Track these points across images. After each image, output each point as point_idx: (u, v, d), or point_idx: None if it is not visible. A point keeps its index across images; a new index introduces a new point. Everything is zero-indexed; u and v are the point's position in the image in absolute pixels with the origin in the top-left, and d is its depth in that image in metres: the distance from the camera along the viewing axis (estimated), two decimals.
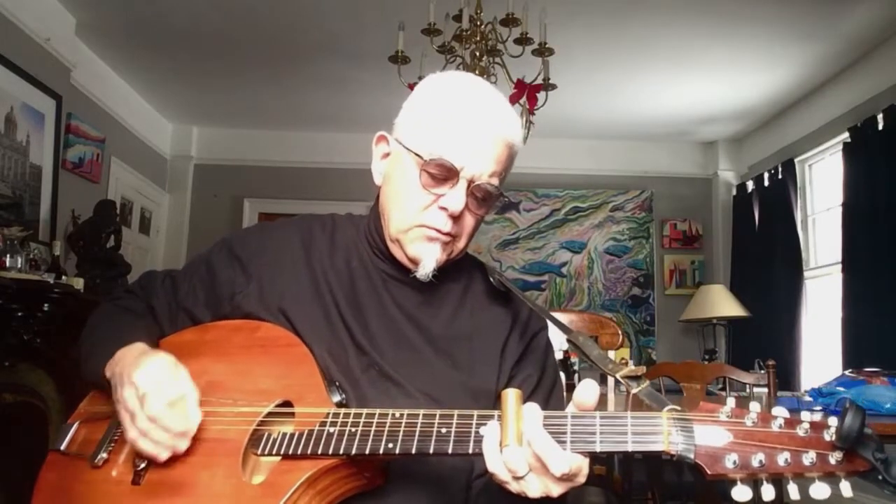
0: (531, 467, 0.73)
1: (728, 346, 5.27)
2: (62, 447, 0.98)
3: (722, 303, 4.80)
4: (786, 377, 4.28)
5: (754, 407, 0.71)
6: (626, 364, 2.80)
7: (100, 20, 3.84)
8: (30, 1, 3.43)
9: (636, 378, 0.83)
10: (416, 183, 0.96)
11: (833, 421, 0.67)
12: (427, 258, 0.97)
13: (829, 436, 0.67)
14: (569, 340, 0.96)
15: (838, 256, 4.12)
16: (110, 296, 1.18)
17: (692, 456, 0.69)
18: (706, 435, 0.70)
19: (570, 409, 0.77)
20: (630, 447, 0.72)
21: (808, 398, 2.01)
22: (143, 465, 0.89)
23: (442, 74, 1.05)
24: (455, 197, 0.95)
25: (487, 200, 0.98)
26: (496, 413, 0.79)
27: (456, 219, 0.96)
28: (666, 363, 3.99)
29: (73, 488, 0.93)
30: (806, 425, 0.68)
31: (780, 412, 0.70)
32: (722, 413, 0.71)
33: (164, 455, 0.87)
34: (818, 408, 1.93)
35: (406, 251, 0.99)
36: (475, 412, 0.80)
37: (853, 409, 0.64)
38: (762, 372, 2.99)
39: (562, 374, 1.49)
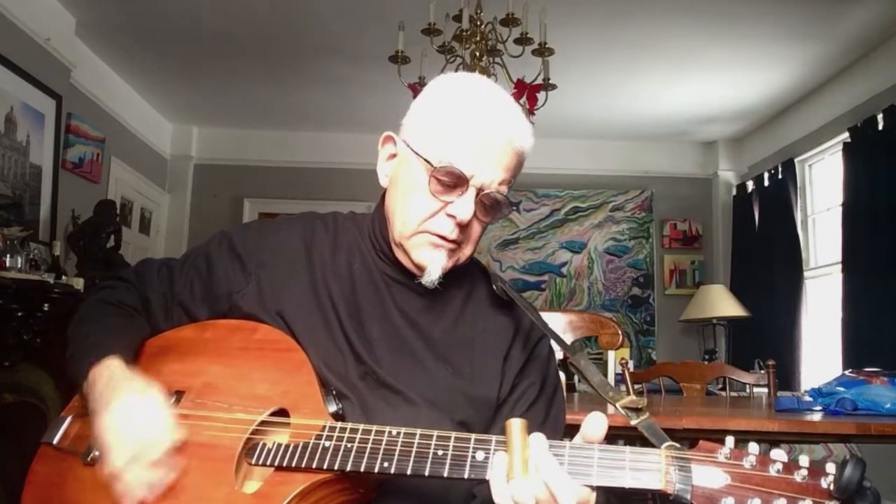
0: (538, 501, 0.72)
1: (728, 346, 5.27)
2: (54, 441, 0.97)
3: (722, 303, 4.80)
4: (786, 377, 4.28)
5: (753, 449, 0.70)
6: (626, 364, 2.78)
7: (100, 20, 3.84)
8: (30, 1, 3.42)
9: (636, 410, 0.82)
10: (424, 189, 0.94)
11: (832, 468, 0.66)
12: (433, 265, 0.96)
13: (826, 484, 0.66)
14: (571, 363, 0.95)
15: (838, 256, 4.12)
16: (101, 284, 1.14)
17: (689, 497, 0.69)
18: (704, 476, 0.69)
19: (577, 440, 0.75)
20: (628, 483, 0.71)
21: (808, 398, 2.01)
22: None
23: (453, 76, 1.02)
24: (464, 205, 0.93)
25: (495, 208, 0.97)
26: (493, 438, 0.78)
27: (463, 226, 0.95)
28: (666, 363, 3.98)
29: (64, 485, 0.93)
30: (804, 471, 0.68)
31: (779, 456, 0.69)
32: (721, 454, 0.70)
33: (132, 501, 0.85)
34: (818, 407, 1.93)
35: (411, 257, 0.97)
36: (472, 436, 0.79)
37: (853, 461, 0.64)
38: (762, 372, 2.99)
39: (562, 375, 1.49)
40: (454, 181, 0.93)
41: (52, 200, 3.67)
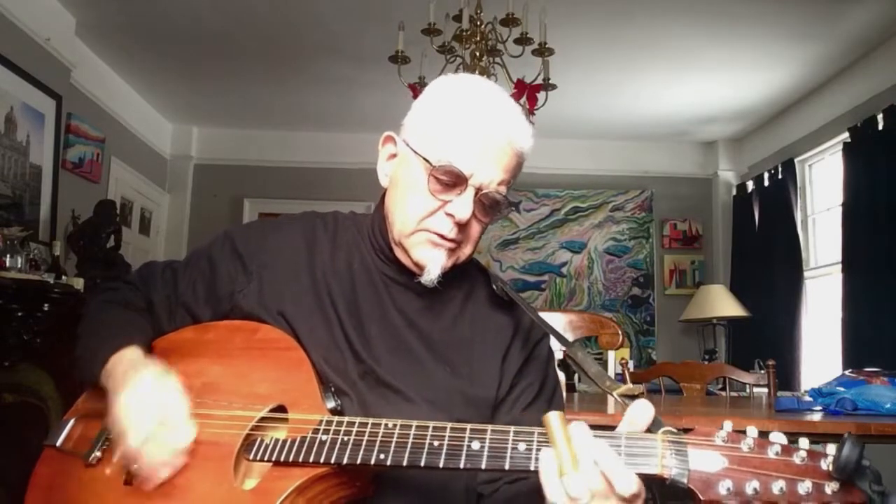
0: (594, 493, 0.70)
1: (728, 346, 5.27)
2: (57, 443, 0.98)
3: (722, 303, 4.80)
4: (786, 377, 4.28)
5: (751, 432, 0.70)
6: (626, 364, 2.78)
7: (100, 20, 3.84)
8: (30, 1, 3.43)
9: (633, 397, 0.81)
10: (423, 188, 0.95)
11: (831, 450, 0.66)
12: (432, 264, 0.96)
13: (826, 465, 0.66)
14: (567, 355, 0.95)
15: (838, 256, 4.12)
16: (105, 285, 1.15)
17: (685, 480, 0.68)
18: (701, 459, 0.69)
19: (620, 428, 0.75)
20: None
21: (808, 398, 2.01)
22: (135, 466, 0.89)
23: (454, 77, 1.03)
24: (462, 204, 0.93)
25: (494, 208, 0.97)
26: (489, 427, 0.78)
27: (462, 226, 0.95)
28: (666, 363, 3.98)
29: (66, 485, 0.93)
30: (803, 453, 0.67)
31: (778, 438, 0.69)
32: (718, 437, 0.70)
33: (155, 479, 0.86)
34: (818, 407, 1.93)
35: (411, 255, 0.98)
36: (468, 426, 0.79)
37: (851, 440, 0.64)
38: (762, 372, 2.99)
39: (561, 375, 1.49)
40: (453, 180, 0.94)
41: (52, 200, 3.67)
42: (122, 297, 1.09)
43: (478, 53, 3.11)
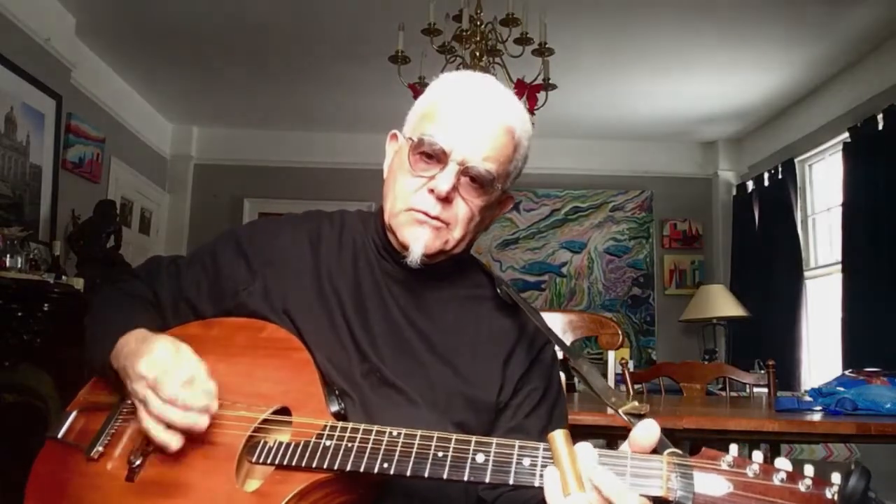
0: None
1: (728, 346, 5.27)
2: (59, 435, 0.98)
3: (722, 303, 4.80)
4: (786, 377, 4.28)
5: (757, 457, 0.69)
6: (626, 364, 2.77)
7: (100, 20, 3.84)
8: (30, 1, 3.43)
9: (639, 416, 0.81)
10: (408, 167, 0.97)
11: (837, 478, 0.65)
12: (416, 242, 0.96)
13: (830, 494, 0.65)
14: (573, 368, 0.94)
15: (838, 256, 4.12)
16: (114, 277, 1.16)
17: None
18: (706, 483, 0.68)
19: (624, 447, 0.74)
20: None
21: (808, 398, 2.01)
22: (137, 462, 0.88)
23: (450, 72, 1.06)
24: (442, 178, 0.94)
25: (483, 187, 0.96)
26: (494, 440, 0.78)
27: (447, 204, 0.95)
28: (666, 363, 3.98)
29: (67, 479, 0.93)
30: (808, 481, 0.66)
31: (783, 465, 0.68)
32: (723, 461, 0.69)
33: (178, 440, 0.85)
34: (818, 407, 1.93)
35: (398, 236, 0.98)
36: (473, 438, 0.79)
37: (858, 471, 0.63)
38: (762, 372, 2.99)
39: (561, 374, 1.49)
40: (434, 154, 0.95)
41: (52, 200, 3.67)
42: (130, 288, 1.10)
43: (478, 53, 3.11)
